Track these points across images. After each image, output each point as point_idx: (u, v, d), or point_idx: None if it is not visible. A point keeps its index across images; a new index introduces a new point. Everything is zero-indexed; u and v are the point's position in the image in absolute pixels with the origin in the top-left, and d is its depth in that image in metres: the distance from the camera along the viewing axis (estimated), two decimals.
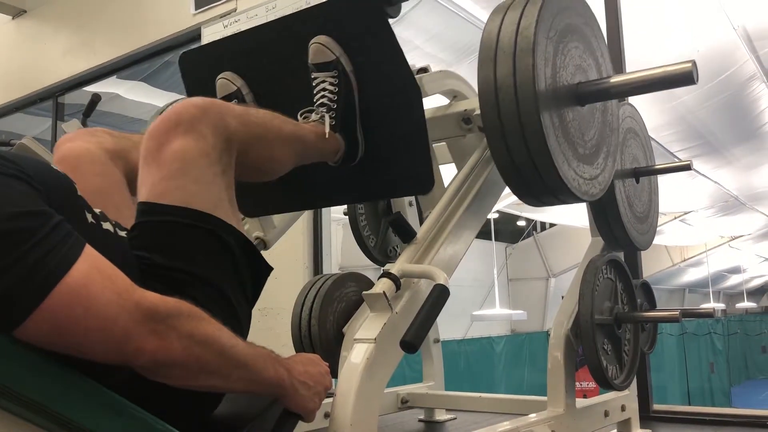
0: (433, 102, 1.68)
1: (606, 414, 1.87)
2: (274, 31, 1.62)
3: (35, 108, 5.17)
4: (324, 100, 1.46)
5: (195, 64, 1.76)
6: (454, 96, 1.80)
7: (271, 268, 1.21)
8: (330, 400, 1.20)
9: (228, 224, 1.09)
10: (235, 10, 3.62)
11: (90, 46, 4.57)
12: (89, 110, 2.55)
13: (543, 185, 1.32)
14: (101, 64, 4.49)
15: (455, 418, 2.39)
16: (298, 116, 1.46)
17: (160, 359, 0.86)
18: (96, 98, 2.53)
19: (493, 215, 10.05)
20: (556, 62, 1.32)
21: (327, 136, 1.42)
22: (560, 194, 1.35)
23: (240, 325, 1.11)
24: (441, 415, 2.39)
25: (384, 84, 1.49)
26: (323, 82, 1.46)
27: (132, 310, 0.83)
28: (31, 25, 5.12)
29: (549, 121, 1.27)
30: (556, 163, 1.27)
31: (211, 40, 3.62)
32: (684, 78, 1.28)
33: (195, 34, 3.82)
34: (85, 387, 0.84)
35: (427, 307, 1.18)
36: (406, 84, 1.46)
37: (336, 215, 3.41)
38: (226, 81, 1.62)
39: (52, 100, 4.87)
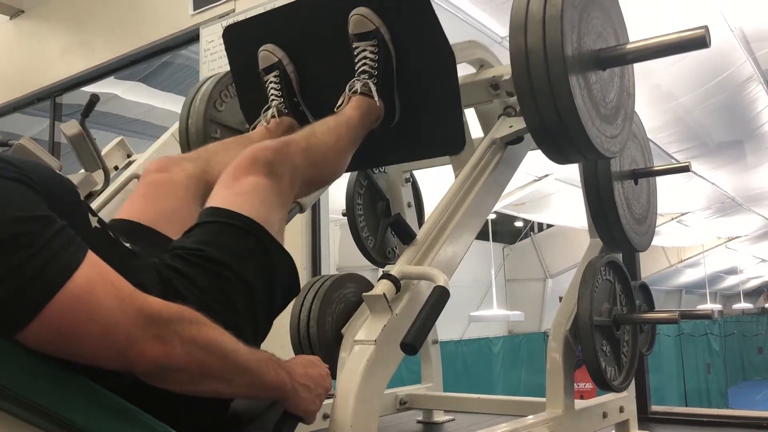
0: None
1: (604, 415, 1.87)
2: (315, 4, 1.69)
3: (33, 108, 5.16)
4: (365, 68, 1.55)
5: (238, 36, 1.82)
6: (481, 65, 1.89)
7: (299, 291, 1.30)
8: (330, 401, 1.20)
9: (279, 243, 1.18)
10: (233, 10, 3.62)
11: (88, 47, 4.57)
12: (87, 111, 2.54)
13: (570, 142, 1.42)
14: (99, 65, 4.49)
15: (454, 420, 2.39)
16: (347, 88, 1.55)
17: (162, 364, 0.86)
18: (94, 98, 2.52)
19: (490, 216, 10.04)
20: (581, 29, 1.41)
21: (378, 103, 1.53)
22: (585, 151, 1.45)
23: (257, 331, 1.14)
24: (439, 417, 2.39)
25: (421, 51, 1.57)
26: (364, 50, 1.56)
27: (135, 315, 0.83)
28: (29, 25, 5.12)
29: (576, 83, 1.37)
30: (582, 121, 1.37)
31: (209, 42, 3.65)
32: (697, 42, 1.35)
33: (193, 35, 3.82)
34: (87, 389, 0.84)
35: (427, 308, 1.18)
36: (441, 50, 1.55)
37: (334, 216, 3.39)
38: (268, 53, 1.69)
39: (50, 100, 4.87)
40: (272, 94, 1.70)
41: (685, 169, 2.10)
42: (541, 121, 1.40)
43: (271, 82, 1.70)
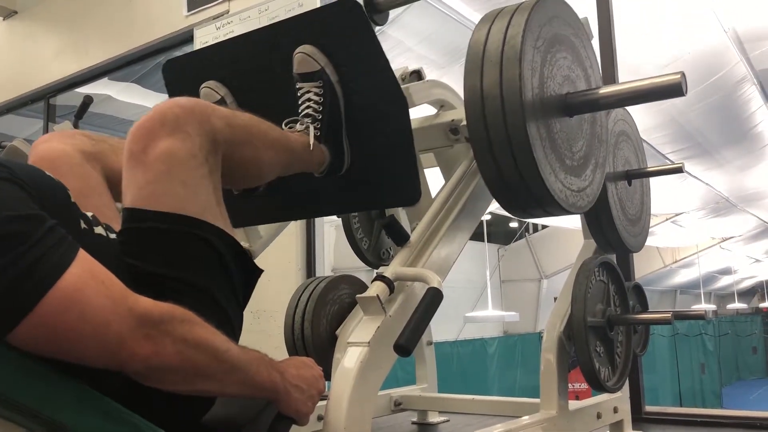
0: (420, 112, 1.67)
1: (599, 416, 1.87)
2: (259, 40, 1.60)
3: (26, 109, 5.15)
4: (309, 110, 1.44)
5: (179, 72, 1.74)
6: (441, 106, 1.77)
7: (260, 270, 1.19)
8: (323, 402, 1.20)
9: (217, 228, 1.07)
10: (227, 11, 3.62)
11: (82, 48, 4.56)
12: (81, 112, 2.54)
13: (530, 197, 1.31)
14: (93, 66, 4.47)
15: (448, 421, 2.39)
16: (283, 126, 1.44)
17: (153, 364, 0.86)
18: (88, 100, 2.52)
19: (485, 217, 10.06)
20: (543, 72, 1.30)
21: (311, 147, 1.39)
22: (547, 206, 1.34)
23: (233, 329, 1.10)
24: (434, 418, 2.39)
25: (370, 94, 1.47)
26: (308, 92, 1.44)
27: (125, 315, 0.83)
28: (22, 27, 5.10)
29: (536, 132, 1.25)
30: (543, 175, 1.25)
31: (203, 42, 3.64)
32: (673, 90, 1.26)
33: (187, 36, 3.81)
34: (78, 391, 0.84)
35: (421, 310, 1.18)
36: (392, 94, 1.45)
37: (329, 217, 3.41)
38: (210, 90, 1.60)
39: (43, 101, 4.85)
40: None
41: (679, 170, 2.10)
42: (498, 173, 1.29)
43: None
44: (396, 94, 1.45)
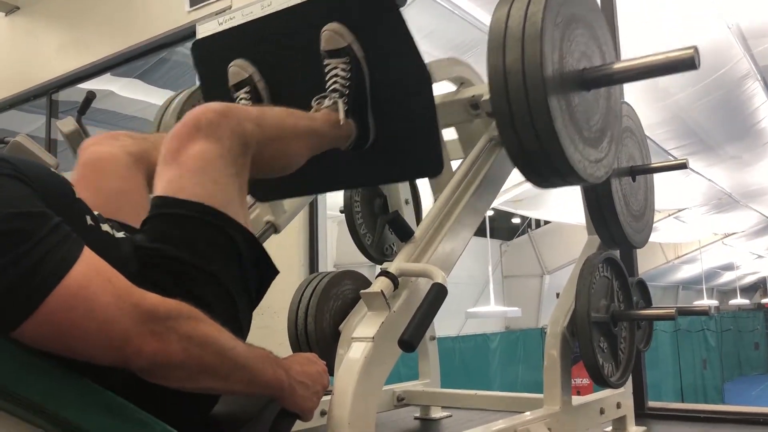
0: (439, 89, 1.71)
1: (602, 411, 1.87)
2: (286, 18, 1.64)
3: (29, 105, 5.14)
4: (336, 86, 1.49)
5: (208, 51, 1.77)
6: (462, 83, 1.84)
7: (277, 271, 1.20)
8: (327, 398, 1.20)
9: (238, 223, 1.10)
10: (230, 7, 3.61)
11: (84, 43, 4.55)
12: (84, 108, 2.53)
13: (550, 167, 1.37)
14: (95, 61, 4.47)
15: (451, 416, 2.40)
16: (313, 102, 1.49)
17: (159, 361, 0.86)
18: (91, 96, 2.51)
19: (488, 212, 10.06)
20: (562, 48, 1.36)
21: (342, 122, 1.45)
22: (567, 176, 1.40)
23: (240, 326, 1.10)
24: (437, 413, 2.39)
25: (395, 69, 1.52)
26: (335, 68, 1.49)
27: (131, 311, 0.83)
28: (24, 22, 5.10)
29: (556, 105, 1.31)
30: (563, 146, 1.32)
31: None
32: (685, 64, 1.32)
33: (190, 32, 3.81)
34: (83, 387, 0.84)
35: (425, 306, 1.18)
36: (416, 69, 1.50)
37: (331, 212, 3.39)
38: (238, 69, 1.64)
39: (46, 97, 4.85)
40: None
41: (683, 166, 2.10)
42: (519, 145, 1.35)
43: (241, 99, 1.63)
44: (420, 70, 1.50)
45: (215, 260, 1.06)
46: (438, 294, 1.20)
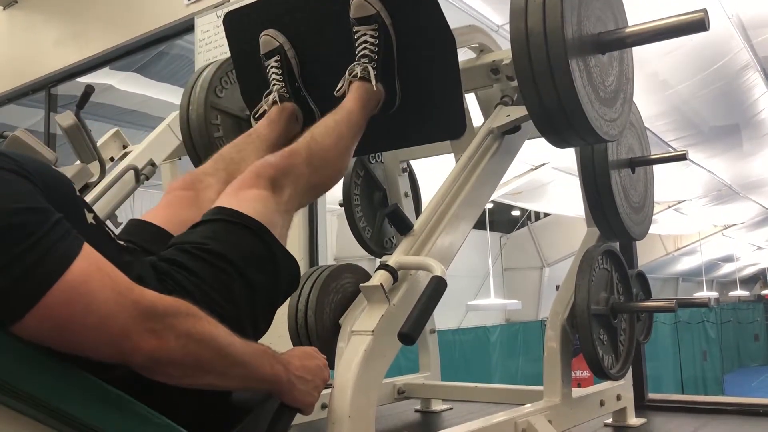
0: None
1: (602, 403, 1.88)
2: None
3: (28, 99, 5.14)
4: (366, 51, 1.57)
5: (238, 22, 1.82)
6: (481, 50, 1.91)
7: (296, 287, 1.31)
8: (328, 391, 1.20)
9: (282, 245, 1.20)
10: (228, 0, 3.60)
11: (82, 37, 4.54)
12: (83, 102, 2.53)
13: (569, 125, 1.44)
14: (94, 55, 4.46)
15: (452, 408, 2.40)
16: (347, 74, 1.57)
17: (157, 357, 0.86)
18: (89, 89, 2.51)
19: (487, 205, 10.05)
20: (580, 12, 1.43)
21: (375, 88, 1.55)
22: (584, 133, 1.47)
23: (255, 331, 1.13)
24: (437, 406, 2.40)
25: (421, 34, 1.59)
26: (365, 35, 1.57)
27: (130, 308, 0.83)
28: (22, 16, 5.09)
29: (575, 66, 1.39)
30: (582, 104, 1.40)
31: (204, 31, 3.63)
32: (696, 26, 1.38)
33: (188, 25, 3.80)
34: (83, 381, 0.84)
35: (424, 299, 1.18)
36: (442, 34, 1.56)
37: (331, 206, 3.40)
38: (269, 38, 1.70)
39: (44, 91, 4.84)
40: (273, 79, 1.70)
41: (682, 157, 2.10)
42: (540, 104, 1.42)
43: (272, 67, 1.70)
44: (446, 34, 1.57)
45: (255, 270, 1.14)
46: (437, 287, 1.20)
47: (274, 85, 1.69)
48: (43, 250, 0.78)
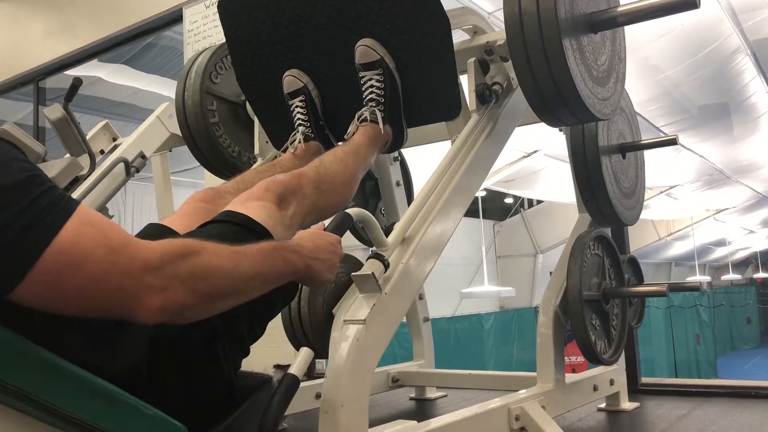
0: None
1: (595, 388, 1.89)
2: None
3: (16, 93, 5.10)
4: (373, 95, 1.64)
5: (233, 8, 1.79)
6: (475, 32, 1.93)
7: (295, 294, 1.35)
8: (321, 380, 1.20)
9: None
10: None
11: (70, 29, 4.50)
12: (71, 95, 2.51)
13: (563, 103, 1.47)
14: (82, 47, 4.42)
15: (446, 396, 2.41)
16: (356, 118, 1.64)
17: (169, 310, 0.85)
18: (77, 82, 2.49)
19: (480, 193, 10.06)
20: None
21: (383, 131, 1.62)
22: (577, 112, 1.50)
23: (249, 333, 1.15)
24: (432, 393, 2.41)
25: (413, 16, 1.60)
26: (371, 79, 1.64)
27: (126, 264, 0.82)
28: (9, 8, 5.04)
29: (569, 45, 1.43)
30: (575, 82, 1.43)
31: (192, 22, 3.60)
32: (687, 3, 1.41)
33: (177, 15, 3.77)
34: (73, 375, 0.84)
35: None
36: (435, 15, 1.58)
37: None
38: (294, 78, 1.74)
39: (32, 84, 4.80)
40: (299, 119, 1.73)
41: (673, 142, 2.10)
42: (534, 83, 1.45)
43: (296, 107, 1.74)
44: (439, 15, 1.59)
45: None
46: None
47: (300, 125, 1.73)
48: (35, 213, 0.77)
